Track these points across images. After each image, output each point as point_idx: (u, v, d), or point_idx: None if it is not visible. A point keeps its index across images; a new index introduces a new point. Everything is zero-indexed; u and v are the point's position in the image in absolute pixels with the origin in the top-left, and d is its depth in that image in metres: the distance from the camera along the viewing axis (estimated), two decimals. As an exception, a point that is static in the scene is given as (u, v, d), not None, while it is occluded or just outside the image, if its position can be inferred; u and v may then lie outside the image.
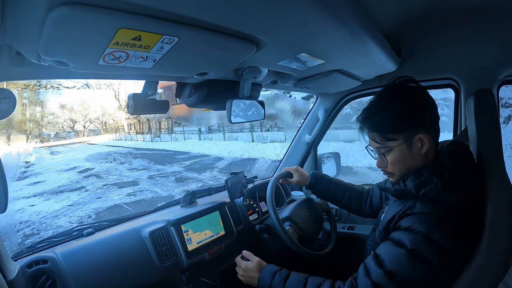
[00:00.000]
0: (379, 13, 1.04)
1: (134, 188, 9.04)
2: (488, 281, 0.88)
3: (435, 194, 0.88)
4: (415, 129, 0.92)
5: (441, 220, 0.86)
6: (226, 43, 0.75)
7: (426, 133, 0.92)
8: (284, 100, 13.50)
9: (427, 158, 0.96)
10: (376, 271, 0.89)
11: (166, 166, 12.68)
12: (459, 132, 1.51)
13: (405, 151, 0.94)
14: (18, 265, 1.01)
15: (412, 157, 0.95)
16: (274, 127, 16.16)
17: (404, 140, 0.93)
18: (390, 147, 0.95)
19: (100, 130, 37.86)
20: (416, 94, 0.96)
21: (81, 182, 10.77)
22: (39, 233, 5.85)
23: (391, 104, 0.96)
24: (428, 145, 0.93)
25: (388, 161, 0.98)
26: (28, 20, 0.53)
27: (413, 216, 0.89)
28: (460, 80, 1.44)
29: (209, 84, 1.13)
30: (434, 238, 0.83)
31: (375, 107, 0.98)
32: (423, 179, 0.91)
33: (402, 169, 0.98)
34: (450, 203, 0.88)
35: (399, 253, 0.86)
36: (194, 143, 19.69)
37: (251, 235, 1.62)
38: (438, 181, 0.88)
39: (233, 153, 14.62)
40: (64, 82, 22.13)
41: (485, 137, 1.04)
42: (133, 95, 1.05)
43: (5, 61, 0.73)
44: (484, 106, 1.05)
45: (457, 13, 1.18)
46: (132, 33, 0.58)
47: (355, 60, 1.21)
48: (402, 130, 0.93)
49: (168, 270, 1.26)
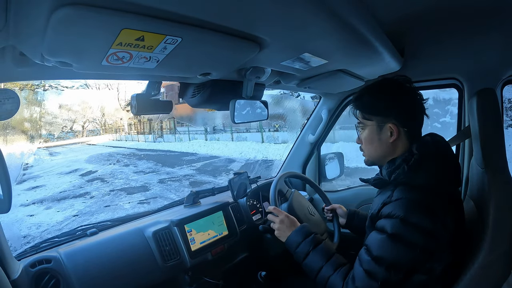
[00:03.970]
0: (383, 13, 1.04)
1: (145, 194, 8.29)
2: (492, 282, 0.88)
3: (403, 178, 0.97)
4: (388, 118, 1.03)
5: (416, 203, 0.91)
6: (229, 43, 0.75)
7: (397, 126, 1.02)
8: (292, 100, 13.25)
9: (396, 150, 1.05)
10: (365, 259, 0.94)
11: (176, 169, 12.00)
12: (462, 131, 1.49)
13: (375, 133, 1.06)
14: (21, 264, 1.01)
15: (379, 142, 1.06)
16: (283, 127, 15.91)
17: (377, 123, 1.05)
18: (365, 125, 1.09)
19: (99, 131, 37.21)
20: (400, 91, 1.05)
21: (84, 187, 9.97)
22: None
23: (375, 91, 1.08)
24: (395, 136, 1.02)
25: (362, 139, 1.11)
26: (31, 21, 0.53)
27: (392, 204, 0.95)
28: (463, 80, 1.43)
29: (213, 84, 1.13)
30: (412, 221, 0.89)
31: (364, 91, 1.10)
32: (394, 166, 1.00)
33: (370, 150, 1.10)
34: (417, 185, 0.94)
35: (382, 239, 0.92)
36: (201, 143, 19.20)
37: (254, 235, 1.62)
38: (405, 166, 0.97)
39: (245, 154, 14.10)
40: (63, 82, 21.95)
41: (488, 137, 1.03)
42: (137, 95, 1.05)
43: (9, 61, 0.73)
44: (487, 105, 1.05)
45: (460, 13, 1.18)
46: (135, 33, 0.58)
47: (358, 60, 1.21)
48: (376, 113, 1.05)
49: (171, 270, 1.26)
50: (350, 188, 2.05)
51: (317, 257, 1.08)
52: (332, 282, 1.01)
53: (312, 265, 1.07)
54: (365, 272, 0.92)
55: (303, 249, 1.11)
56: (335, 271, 1.02)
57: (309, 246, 1.11)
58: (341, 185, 2.32)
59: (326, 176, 2.10)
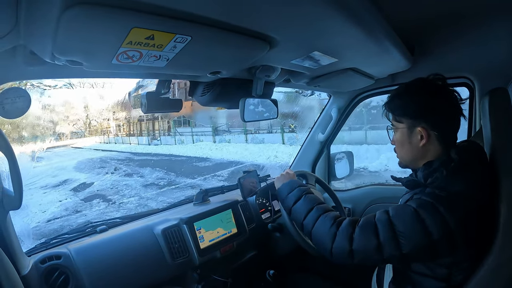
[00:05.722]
0: (393, 11, 1.02)
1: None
2: (501, 283, 0.87)
3: (441, 182, 0.93)
4: (417, 121, 1.00)
5: (447, 199, 0.90)
6: (239, 42, 0.74)
7: (427, 129, 0.98)
8: (308, 98, 12.59)
9: (428, 154, 1.02)
10: (381, 216, 0.96)
11: (198, 180, 9.49)
12: (473, 131, 1.47)
13: (406, 136, 1.03)
14: (31, 260, 1.03)
15: (410, 145, 1.03)
16: (300, 126, 14.04)
17: (407, 126, 1.02)
18: (396, 127, 1.06)
19: (83, 133, 33.44)
20: (430, 92, 1.00)
21: (82, 210, 7.37)
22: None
23: (406, 93, 1.05)
24: (425, 140, 0.99)
25: (395, 141, 1.10)
26: (42, 20, 0.54)
27: (421, 194, 0.95)
28: (474, 79, 1.41)
29: (222, 83, 1.13)
30: (439, 209, 0.87)
31: (397, 93, 1.07)
32: (431, 169, 0.97)
33: (402, 153, 1.08)
34: (454, 192, 0.91)
35: (405, 210, 0.93)
36: (211, 146, 16.51)
37: (263, 233, 1.62)
38: (444, 170, 0.93)
39: (272, 159, 11.90)
40: (46, 81, 21.30)
41: (500, 136, 1.01)
42: (147, 93, 1.06)
43: (20, 61, 0.74)
44: (499, 105, 1.03)
45: (471, 11, 1.15)
46: (145, 32, 0.58)
47: (368, 59, 1.20)
48: (407, 116, 1.02)
49: (180, 268, 1.27)
50: (359, 187, 2.03)
51: (307, 201, 1.13)
52: (322, 221, 1.05)
53: (302, 208, 1.12)
54: (374, 224, 0.95)
55: (294, 195, 1.16)
56: (325, 212, 1.07)
57: (301, 192, 1.16)
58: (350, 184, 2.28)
59: (335, 175, 2.08)
